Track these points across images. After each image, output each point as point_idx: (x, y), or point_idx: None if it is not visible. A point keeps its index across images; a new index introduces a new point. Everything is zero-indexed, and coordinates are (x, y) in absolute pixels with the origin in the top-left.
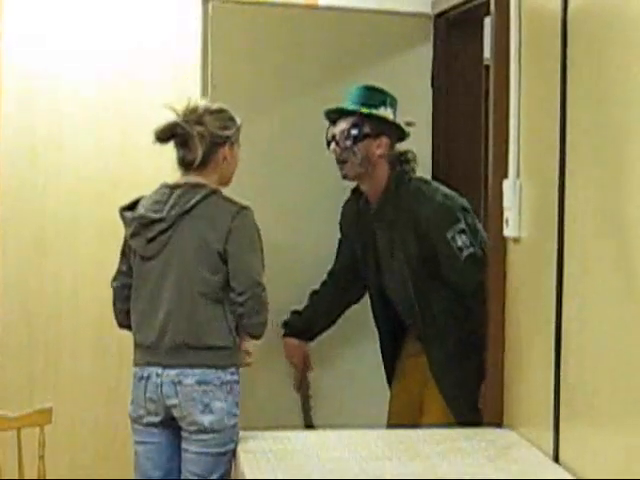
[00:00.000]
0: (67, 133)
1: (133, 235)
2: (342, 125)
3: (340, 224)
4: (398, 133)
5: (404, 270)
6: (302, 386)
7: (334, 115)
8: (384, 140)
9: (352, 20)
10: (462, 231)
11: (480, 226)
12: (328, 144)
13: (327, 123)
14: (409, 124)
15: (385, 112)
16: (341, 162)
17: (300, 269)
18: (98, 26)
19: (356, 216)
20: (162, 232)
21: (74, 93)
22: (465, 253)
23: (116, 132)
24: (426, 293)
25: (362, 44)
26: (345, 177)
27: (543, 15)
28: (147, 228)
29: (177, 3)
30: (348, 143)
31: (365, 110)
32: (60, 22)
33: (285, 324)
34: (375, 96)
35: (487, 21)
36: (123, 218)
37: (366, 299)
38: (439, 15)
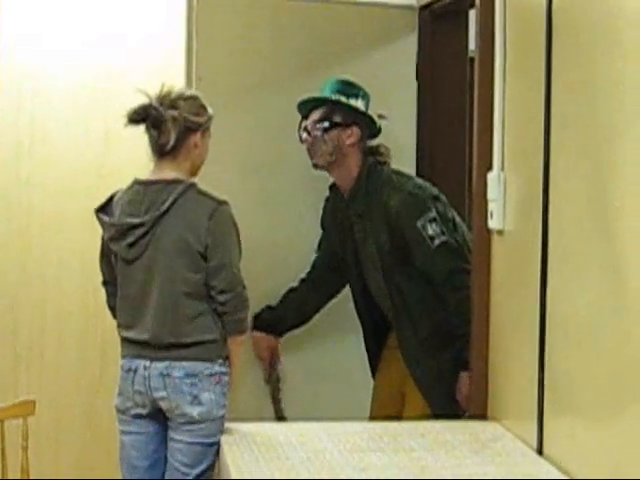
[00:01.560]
0: (52, 126)
1: (112, 240)
2: (313, 116)
3: (321, 221)
4: (370, 125)
5: (377, 260)
6: (271, 379)
7: (306, 108)
8: (355, 130)
9: (337, 12)
10: (433, 220)
11: (456, 215)
12: (301, 138)
13: None
14: (381, 117)
15: (356, 103)
16: (312, 151)
17: (280, 263)
18: (82, 18)
19: (333, 211)
20: (142, 236)
21: (59, 86)
22: (436, 242)
23: (100, 124)
24: (399, 283)
25: (347, 36)
26: (315, 166)
27: (528, 7)
28: (126, 233)
29: None
30: (319, 133)
31: (335, 97)
32: (45, 15)
33: (255, 317)
34: (347, 88)
35: (472, 13)
36: (100, 221)
37: (342, 293)
38: (424, 7)
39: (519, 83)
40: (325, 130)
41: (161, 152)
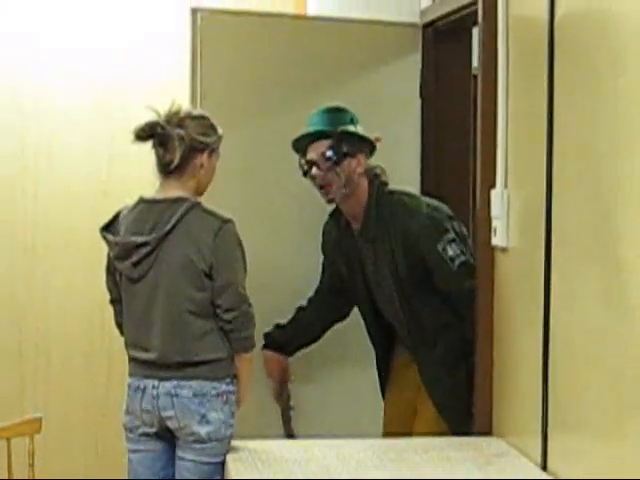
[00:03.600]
0: (57, 141)
1: (117, 258)
2: (319, 148)
3: (322, 246)
4: (370, 149)
5: (391, 285)
6: (282, 397)
7: (303, 143)
8: (361, 157)
9: (340, 30)
10: (452, 240)
11: (466, 232)
12: (304, 173)
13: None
14: (377, 139)
15: (357, 129)
16: (324, 186)
17: (283, 281)
18: (86, 36)
19: (338, 237)
20: (146, 255)
21: (64, 102)
22: (457, 262)
23: (105, 141)
24: (414, 306)
25: (350, 54)
26: (330, 201)
27: (530, 25)
28: (131, 252)
29: (166, 13)
30: (330, 165)
31: (344, 128)
32: (52, 34)
33: (266, 336)
34: (342, 116)
35: (475, 31)
36: (105, 240)
37: (351, 316)
38: (427, 25)
39: (522, 100)
40: (337, 162)
41: (166, 170)
